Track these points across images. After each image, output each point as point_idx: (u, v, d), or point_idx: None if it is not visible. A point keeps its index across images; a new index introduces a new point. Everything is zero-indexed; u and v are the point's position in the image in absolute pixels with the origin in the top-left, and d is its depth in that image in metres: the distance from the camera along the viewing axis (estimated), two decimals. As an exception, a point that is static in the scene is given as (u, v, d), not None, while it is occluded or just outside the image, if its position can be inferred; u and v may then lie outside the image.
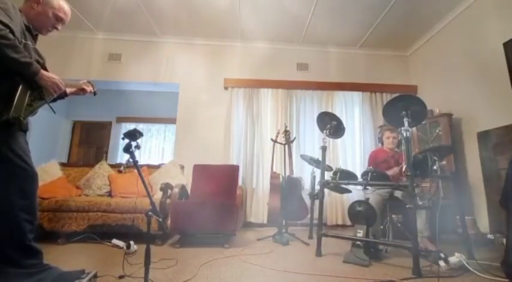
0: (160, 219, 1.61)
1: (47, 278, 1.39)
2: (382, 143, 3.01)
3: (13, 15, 1.33)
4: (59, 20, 1.56)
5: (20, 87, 1.29)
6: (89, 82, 1.77)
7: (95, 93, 1.79)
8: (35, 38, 1.53)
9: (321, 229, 2.44)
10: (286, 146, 3.25)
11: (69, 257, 2.23)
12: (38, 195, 1.49)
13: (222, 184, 3.27)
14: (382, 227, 2.57)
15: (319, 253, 2.37)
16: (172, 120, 4.58)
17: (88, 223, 2.72)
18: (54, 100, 1.55)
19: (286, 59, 4.48)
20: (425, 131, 3.60)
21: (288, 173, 3.18)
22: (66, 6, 1.59)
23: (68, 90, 1.62)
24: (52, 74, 1.43)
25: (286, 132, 3.28)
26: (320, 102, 4.31)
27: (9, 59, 1.24)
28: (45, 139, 5.17)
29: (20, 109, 1.28)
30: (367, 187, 2.47)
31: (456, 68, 3.60)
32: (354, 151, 4.20)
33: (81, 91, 1.72)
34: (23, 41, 1.36)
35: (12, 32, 1.27)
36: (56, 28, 1.59)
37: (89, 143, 6.08)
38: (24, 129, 1.38)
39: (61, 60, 4.14)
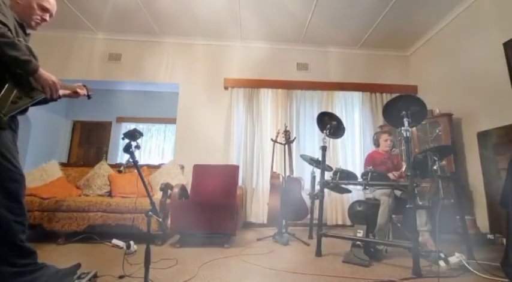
0: (160, 219, 1.61)
1: (42, 276, 1.39)
2: (378, 145, 3.03)
3: (6, 13, 1.33)
4: (45, 10, 1.53)
5: (7, 84, 1.27)
6: (84, 85, 1.75)
7: (89, 97, 1.77)
8: (27, 36, 1.52)
9: (321, 229, 2.44)
10: (286, 146, 3.25)
11: (69, 257, 2.23)
12: (26, 195, 1.45)
13: (222, 184, 3.27)
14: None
15: (319, 253, 2.36)
16: (172, 120, 4.58)
17: (88, 223, 2.72)
18: (46, 102, 1.53)
19: (286, 59, 4.48)
20: (425, 131, 3.60)
21: (288, 173, 3.18)
22: None
23: (61, 92, 1.61)
24: (50, 75, 1.41)
25: (286, 132, 3.28)
26: (320, 102, 4.31)
27: (8, 57, 1.23)
28: (45, 139, 5.16)
29: (3, 106, 1.26)
30: (367, 187, 2.47)
31: (456, 68, 3.60)
32: (354, 151, 4.20)
33: (75, 94, 1.70)
34: (16, 37, 1.36)
35: (10, 30, 1.27)
36: (44, 19, 1.55)
37: (89, 143, 6.08)
38: (3, 127, 1.32)
39: (61, 60, 4.15)
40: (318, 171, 2.83)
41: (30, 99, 1.40)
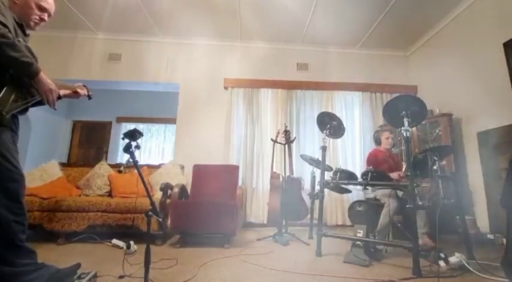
0: (160, 219, 1.61)
1: (43, 276, 1.39)
2: (379, 143, 3.02)
3: (6, 14, 1.33)
4: (43, 10, 1.53)
5: (8, 84, 1.28)
6: (84, 86, 1.75)
7: (89, 97, 1.77)
8: (26, 37, 1.52)
9: (321, 229, 2.44)
10: (286, 146, 3.25)
11: (69, 257, 2.23)
12: (26, 195, 1.45)
13: (222, 184, 3.27)
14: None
15: (319, 253, 2.37)
16: (172, 120, 4.58)
17: (88, 223, 2.72)
18: (44, 103, 1.53)
19: (286, 59, 4.48)
20: (425, 131, 3.60)
21: (288, 173, 3.18)
22: None
23: (62, 92, 1.61)
24: (51, 82, 1.41)
25: (286, 132, 3.28)
26: (320, 102, 4.31)
27: (8, 57, 1.23)
28: (45, 139, 5.17)
29: (4, 104, 1.27)
30: (367, 187, 2.47)
31: (456, 68, 3.60)
32: (354, 151, 4.20)
33: (75, 94, 1.70)
34: (15, 38, 1.36)
35: (9, 31, 1.27)
36: (43, 19, 1.55)
37: (89, 143, 6.09)
38: (5, 124, 1.33)
39: (61, 60, 4.14)
40: (318, 171, 2.83)
41: (29, 98, 1.40)
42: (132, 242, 2.39)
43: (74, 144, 6.01)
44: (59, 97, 1.61)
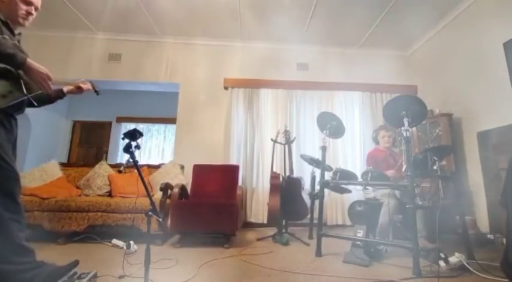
0: (160, 219, 1.61)
1: (41, 274, 1.39)
2: (378, 143, 3.02)
3: None
4: (28, 3, 1.52)
5: None
6: (90, 82, 1.76)
7: (97, 92, 1.77)
8: (17, 35, 1.52)
9: (320, 229, 2.44)
10: (286, 146, 3.25)
11: (69, 257, 2.21)
12: (26, 195, 1.46)
13: (222, 184, 3.27)
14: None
15: (319, 253, 2.37)
16: (172, 120, 4.58)
17: (88, 223, 2.72)
18: (50, 101, 1.52)
19: (286, 59, 4.47)
20: (425, 131, 3.60)
21: (288, 173, 3.18)
22: None
23: (65, 88, 1.61)
24: (41, 66, 1.39)
25: (286, 132, 3.28)
26: (320, 102, 4.31)
27: None
28: (45, 139, 5.16)
29: None
30: (367, 187, 2.46)
31: (456, 68, 3.60)
32: (354, 151, 4.20)
33: (78, 89, 1.70)
34: (0, 35, 1.35)
35: None
36: (30, 13, 1.55)
37: (89, 143, 6.09)
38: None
39: (61, 60, 4.14)
40: (318, 171, 2.83)
41: (22, 93, 1.38)
42: (132, 242, 2.39)
43: (74, 144, 6.00)
44: (63, 94, 1.62)
